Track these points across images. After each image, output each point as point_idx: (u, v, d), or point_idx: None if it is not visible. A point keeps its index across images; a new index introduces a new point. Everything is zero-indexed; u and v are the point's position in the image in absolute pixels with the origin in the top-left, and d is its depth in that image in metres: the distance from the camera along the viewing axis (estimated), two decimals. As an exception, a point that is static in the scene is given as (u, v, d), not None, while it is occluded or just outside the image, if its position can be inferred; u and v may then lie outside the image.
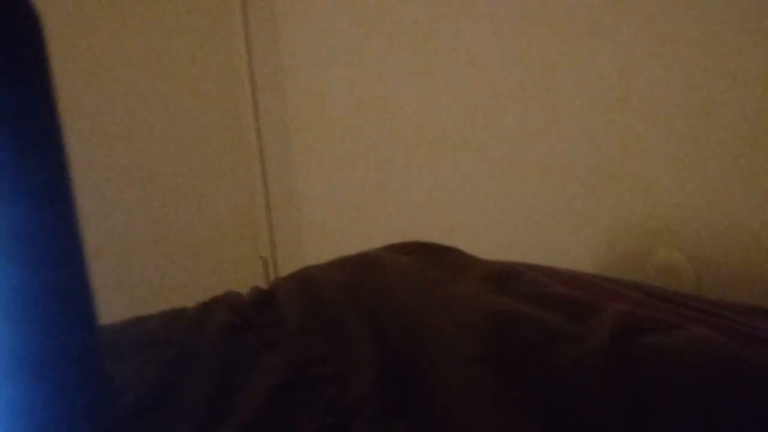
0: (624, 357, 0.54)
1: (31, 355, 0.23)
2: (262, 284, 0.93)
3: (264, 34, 1.92)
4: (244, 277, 1.93)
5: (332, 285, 0.79)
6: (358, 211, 1.68)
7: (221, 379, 0.66)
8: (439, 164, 1.43)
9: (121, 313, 0.89)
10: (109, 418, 0.24)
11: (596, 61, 1.10)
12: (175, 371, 0.68)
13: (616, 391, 0.53)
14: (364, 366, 0.62)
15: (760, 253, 0.93)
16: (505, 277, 0.76)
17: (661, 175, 1.04)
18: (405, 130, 1.50)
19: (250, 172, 2.02)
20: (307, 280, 0.83)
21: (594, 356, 0.55)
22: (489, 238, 1.32)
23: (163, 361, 0.70)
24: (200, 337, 0.73)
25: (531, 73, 1.20)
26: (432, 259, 0.85)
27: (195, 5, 1.96)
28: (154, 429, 0.63)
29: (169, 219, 1.97)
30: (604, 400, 0.53)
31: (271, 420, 0.60)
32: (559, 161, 1.18)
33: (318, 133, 1.79)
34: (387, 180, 1.57)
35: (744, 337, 0.61)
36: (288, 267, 1.52)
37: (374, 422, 0.55)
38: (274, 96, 1.93)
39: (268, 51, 1.91)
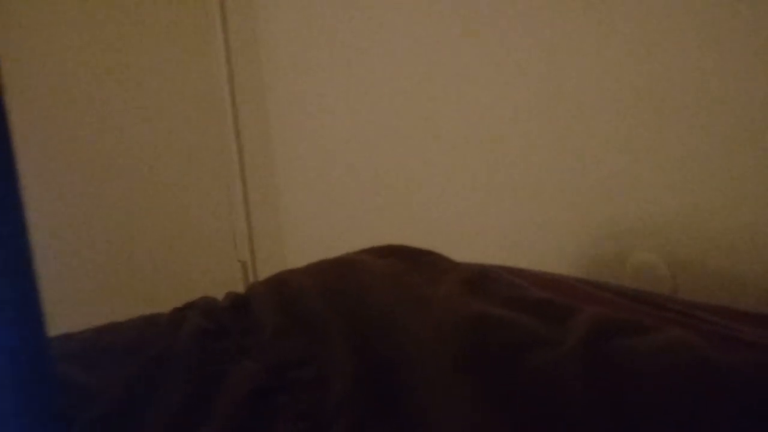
0: (600, 359, 0.54)
1: None
2: (241, 288, 0.92)
3: (244, 37, 1.91)
4: (223, 281, 1.91)
5: (309, 289, 0.78)
6: (338, 214, 1.68)
7: (195, 385, 0.65)
8: (419, 168, 1.43)
9: (97, 318, 0.88)
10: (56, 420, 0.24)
11: (574, 64, 1.10)
12: (149, 377, 0.67)
13: (592, 393, 0.53)
14: (342, 371, 0.62)
15: (737, 255, 0.94)
16: (483, 280, 0.76)
17: (639, 177, 1.04)
18: (385, 134, 1.49)
19: (229, 175, 2.01)
20: (283, 284, 0.83)
21: (570, 359, 0.55)
22: (468, 240, 1.32)
23: (136, 368, 0.69)
24: (174, 343, 0.72)
25: (510, 75, 1.21)
26: (410, 262, 0.84)
27: (175, 10, 1.95)
28: None
29: (147, 221, 1.95)
30: (581, 402, 0.53)
31: (247, 426, 0.59)
32: (537, 163, 1.18)
33: (298, 137, 1.78)
34: (367, 183, 1.57)
35: (720, 339, 0.61)
36: (267, 271, 1.51)
37: (352, 427, 0.54)
38: (254, 98, 1.92)
39: (248, 53, 1.90)
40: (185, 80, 1.97)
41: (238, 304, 0.81)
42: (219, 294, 0.88)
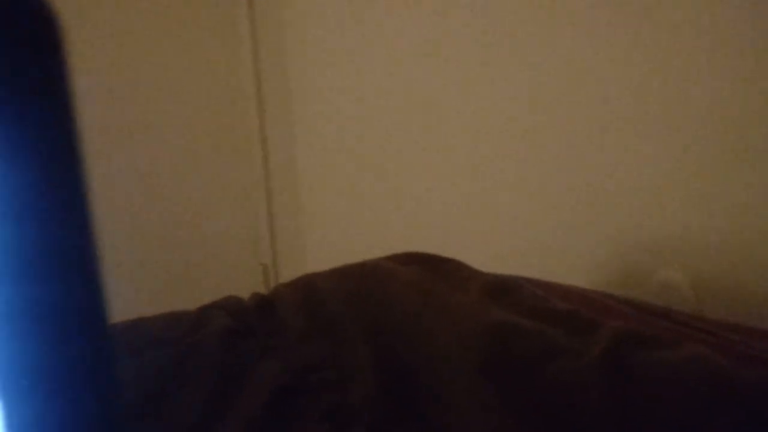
0: (621, 371, 0.55)
1: (39, 356, 0.24)
2: (262, 291, 0.93)
3: (271, 35, 1.93)
4: (244, 284, 1.93)
5: (333, 293, 0.79)
6: (361, 220, 1.69)
7: (219, 383, 0.66)
8: (445, 176, 1.44)
9: (118, 319, 0.89)
10: (117, 421, 0.25)
11: (600, 78, 1.10)
12: (173, 374, 0.69)
13: (612, 404, 0.53)
14: (364, 374, 0.63)
15: (763, 277, 0.94)
16: (505, 290, 0.76)
17: (666, 192, 1.04)
18: (411, 139, 1.50)
19: (253, 178, 2.03)
20: (307, 287, 0.84)
21: (591, 370, 0.55)
22: (490, 251, 1.33)
23: (161, 363, 0.71)
24: (199, 340, 0.73)
25: (537, 88, 1.21)
26: (432, 269, 0.85)
27: (202, 12, 1.98)
28: (150, 430, 0.63)
29: (170, 223, 1.97)
30: (600, 413, 0.53)
31: (269, 424, 0.60)
32: (563, 177, 1.19)
33: (323, 141, 1.80)
34: (391, 189, 1.58)
35: (741, 357, 0.61)
36: (289, 275, 1.52)
37: (372, 429, 0.55)
38: (279, 102, 1.94)
39: (274, 55, 1.92)
40: (211, 81, 2.00)
41: (263, 305, 0.82)
42: (240, 295, 0.89)
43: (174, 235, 1.96)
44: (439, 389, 0.58)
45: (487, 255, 1.31)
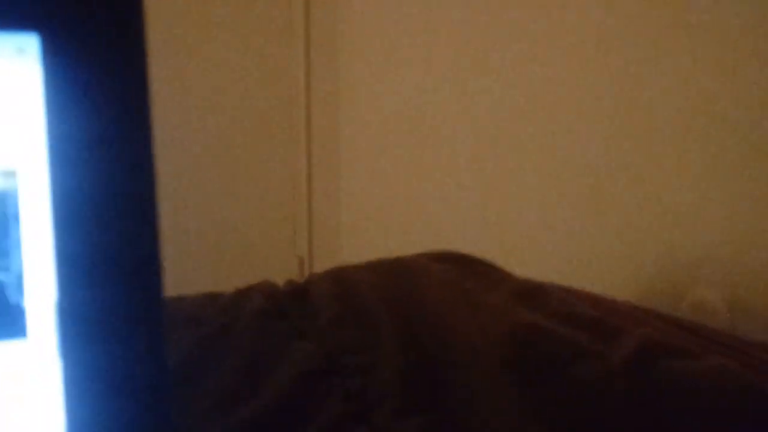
0: (645, 379, 0.55)
1: (98, 317, 0.26)
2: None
3: (323, 34, 1.96)
4: (279, 275, 1.95)
5: (366, 284, 0.81)
6: (399, 217, 1.70)
7: (252, 360, 0.68)
8: (483, 180, 1.44)
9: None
10: (167, 393, 0.27)
11: (639, 82, 1.10)
12: (207, 350, 0.71)
13: (634, 411, 0.54)
14: (391, 362, 0.64)
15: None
16: (535, 293, 0.77)
17: (703, 209, 1.04)
18: (452, 140, 1.51)
19: (295, 170, 2.05)
20: (341, 277, 0.86)
21: (615, 375, 0.56)
22: (524, 260, 1.33)
23: (195, 339, 0.73)
24: (234, 320, 0.76)
25: (566, 97, 1.21)
26: (466, 269, 0.86)
27: (261, 15, 2.01)
28: (181, 402, 0.66)
29: (210, 213, 2.00)
30: (621, 419, 0.54)
31: (296, 402, 0.62)
32: (600, 190, 1.18)
33: (367, 137, 1.82)
34: (430, 189, 1.59)
35: (767, 371, 0.61)
36: (324, 268, 1.53)
37: (394, 414, 0.57)
38: (326, 98, 1.96)
39: (325, 49, 1.95)
40: (260, 72, 2.03)
41: (298, 290, 0.84)
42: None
43: (212, 225, 2.00)
44: (461, 382, 0.60)
45: (520, 261, 1.31)
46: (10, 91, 0.25)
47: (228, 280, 1.08)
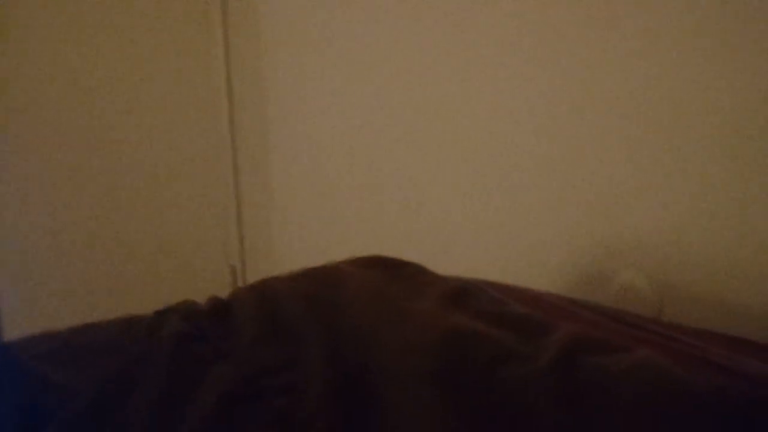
0: (569, 377, 0.55)
1: None
2: (230, 292, 0.92)
3: (243, 37, 1.91)
4: (212, 285, 1.91)
5: (291, 297, 0.79)
6: (331, 221, 1.68)
7: (171, 388, 0.65)
8: (411, 180, 1.43)
9: (83, 318, 0.88)
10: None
11: (572, 74, 1.10)
12: (125, 378, 0.68)
13: (560, 410, 0.53)
14: (317, 380, 0.62)
15: (724, 280, 0.94)
16: (463, 294, 0.76)
17: (630, 195, 1.04)
18: (382, 144, 1.50)
19: (223, 179, 2.01)
20: (266, 290, 0.83)
21: (540, 375, 0.55)
22: (455, 252, 1.32)
23: (113, 368, 0.70)
24: (152, 345, 0.72)
25: (504, 84, 1.21)
26: (393, 274, 0.85)
27: (176, 14, 1.95)
28: None
29: (140, 223, 1.95)
30: (549, 419, 0.53)
31: (219, 430, 0.59)
32: (527, 178, 1.19)
33: (294, 143, 1.79)
34: (361, 191, 1.57)
35: (694, 362, 0.61)
36: (257, 276, 1.50)
37: (321, 436, 0.55)
38: (251, 103, 1.92)
39: (248, 54, 1.91)
40: (182, 81, 1.97)
41: (220, 308, 0.81)
42: (206, 297, 0.88)
43: (144, 234, 1.94)
44: (390, 395, 0.58)
45: (451, 256, 1.31)
46: None
47: (163, 292, 1.04)
